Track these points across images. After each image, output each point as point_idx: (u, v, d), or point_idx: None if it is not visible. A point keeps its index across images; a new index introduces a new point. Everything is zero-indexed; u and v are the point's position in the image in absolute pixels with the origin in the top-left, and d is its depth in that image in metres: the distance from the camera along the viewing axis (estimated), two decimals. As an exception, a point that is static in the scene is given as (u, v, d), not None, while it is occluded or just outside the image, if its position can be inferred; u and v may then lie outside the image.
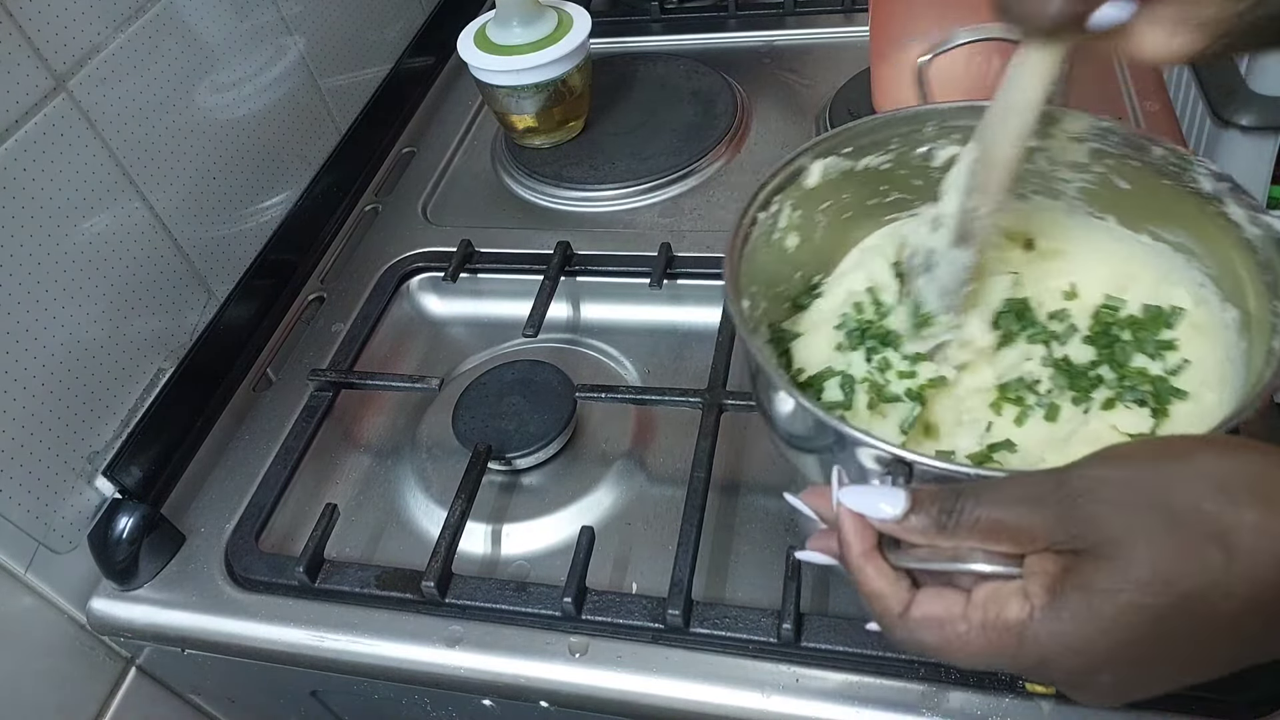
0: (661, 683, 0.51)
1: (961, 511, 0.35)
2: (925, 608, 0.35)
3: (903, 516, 0.36)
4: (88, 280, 0.60)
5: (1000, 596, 0.34)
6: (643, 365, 0.71)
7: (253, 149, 0.75)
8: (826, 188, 0.55)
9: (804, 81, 0.92)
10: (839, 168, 0.55)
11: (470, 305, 0.78)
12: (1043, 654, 0.33)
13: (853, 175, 0.55)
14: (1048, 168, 0.55)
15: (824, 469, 0.46)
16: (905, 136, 0.55)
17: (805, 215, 0.55)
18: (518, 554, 0.61)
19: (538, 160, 0.86)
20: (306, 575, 0.57)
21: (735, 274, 0.49)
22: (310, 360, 0.72)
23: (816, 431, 0.44)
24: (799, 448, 0.47)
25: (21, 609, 0.58)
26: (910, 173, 0.57)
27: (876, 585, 0.36)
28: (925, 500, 0.36)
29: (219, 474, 0.66)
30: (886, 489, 0.36)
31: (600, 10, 1.04)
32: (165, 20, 0.66)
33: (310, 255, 0.82)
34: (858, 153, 0.55)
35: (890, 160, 0.56)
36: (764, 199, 0.52)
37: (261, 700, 0.69)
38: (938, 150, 0.56)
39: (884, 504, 0.36)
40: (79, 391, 0.60)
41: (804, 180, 0.54)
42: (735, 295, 0.48)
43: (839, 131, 0.54)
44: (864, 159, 0.55)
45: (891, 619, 0.36)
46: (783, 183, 0.53)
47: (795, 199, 0.54)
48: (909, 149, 0.56)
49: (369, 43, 0.90)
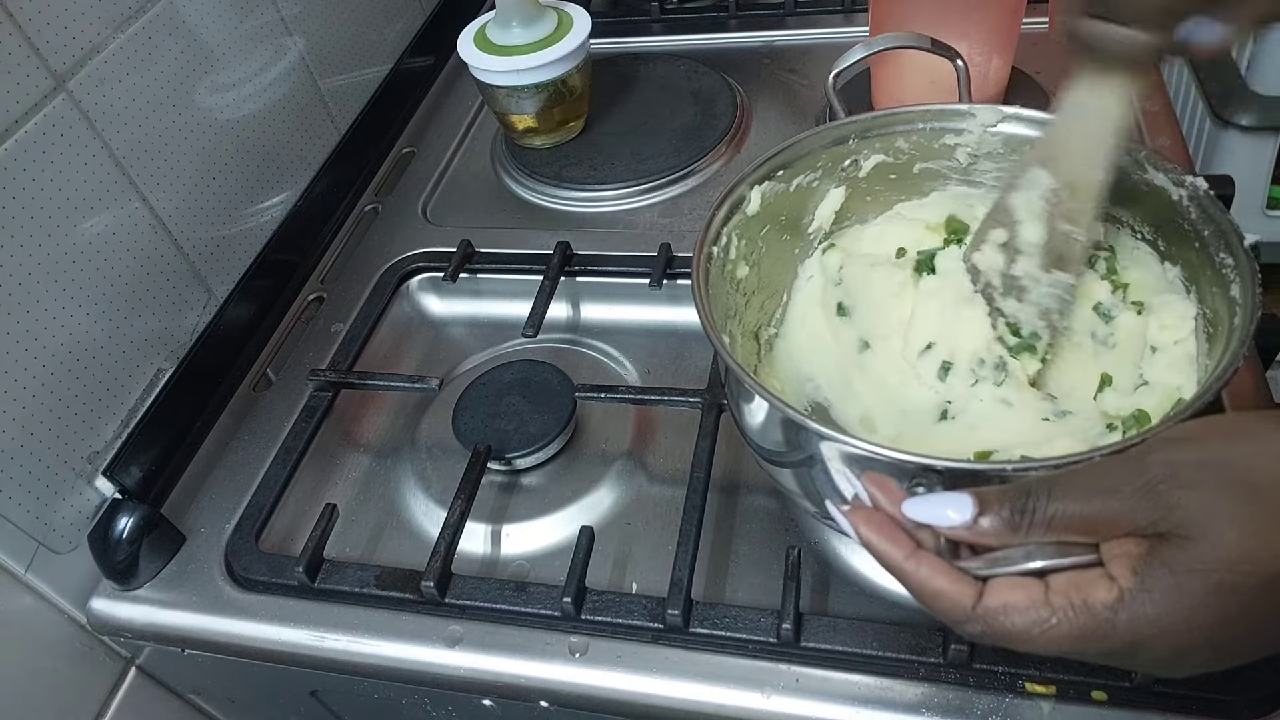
0: (661, 683, 0.51)
1: (1035, 509, 0.34)
2: (1002, 596, 0.35)
3: (972, 521, 0.35)
4: (88, 280, 0.61)
5: (1085, 581, 0.34)
6: (643, 365, 0.71)
7: (253, 149, 0.75)
8: (765, 213, 0.56)
9: (804, 81, 0.92)
10: (775, 191, 0.56)
11: (470, 305, 0.78)
12: (1135, 637, 0.33)
13: (786, 196, 0.57)
14: (965, 161, 0.58)
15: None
16: (831, 151, 0.58)
17: (750, 243, 0.56)
18: (518, 554, 0.61)
19: (538, 160, 0.86)
20: (306, 575, 0.57)
21: (708, 309, 0.50)
22: (310, 360, 0.72)
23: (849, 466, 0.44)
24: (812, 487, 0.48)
25: (21, 609, 0.58)
26: (836, 184, 0.59)
27: (937, 584, 0.35)
28: (993, 502, 0.35)
29: (219, 474, 0.66)
30: (950, 496, 0.36)
31: (600, 10, 1.04)
32: (165, 20, 0.66)
33: (310, 255, 0.82)
34: (790, 174, 0.57)
35: (818, 177, 0.57)
36: (714, 232, 0.53)
37: (261, 700, 0.69)
38: (862, 160, 0.59)
39: (950, 511, 0.36)
40: (79, 391, 0.60)
41: (746, 208, 0.55)
42: (715, 330, 0.49)
43: (772, 155, 0.56)
44: (795, 179, 0.57)
45: (963, 612, 0.35)
46: (728, 214, 0.54)
47: (740, 228, 0.55)
48: (835, 164, 0.58)
49: (369, 43, 0.90)
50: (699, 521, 0.55)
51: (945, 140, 0.57)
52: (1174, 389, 0.49)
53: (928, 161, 0.58)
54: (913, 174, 0.59)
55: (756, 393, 0.44)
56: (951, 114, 0.56)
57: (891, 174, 0.59)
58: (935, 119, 0.57)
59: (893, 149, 0.58)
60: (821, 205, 0.59)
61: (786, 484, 0.50)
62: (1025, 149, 0.54)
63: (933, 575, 0.36)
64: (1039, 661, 0.48)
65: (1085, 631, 0.33)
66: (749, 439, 0.51)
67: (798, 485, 0.49)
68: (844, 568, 0.56)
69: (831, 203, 0.59)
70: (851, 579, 0.55)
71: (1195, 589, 0.32)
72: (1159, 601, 0.32)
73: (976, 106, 0.56)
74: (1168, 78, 1.34)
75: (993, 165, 0.57)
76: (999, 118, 0.55)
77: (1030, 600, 0.34)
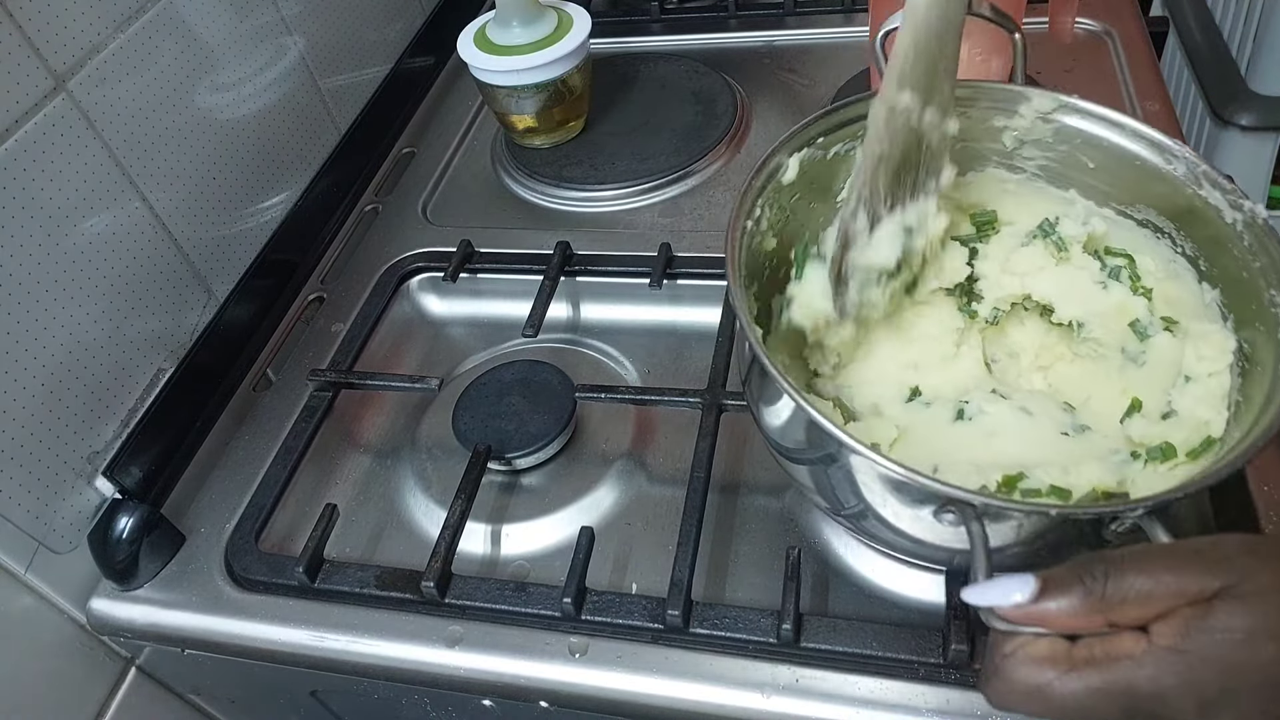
0: (661, 683, 0.51)
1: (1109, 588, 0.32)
2: (1028, 650, 0.33)
3: (1034, 599, 0.33)
4: (88, 280, 0.61)
5: (1113, 636, 0.32)
6: (643, 365, 0.71)
7: (253, 149, 0.75)
8: (799, 181, 0.54)
9: (804, 81, 0.92)
10: (812, 159, 0.54)
11: (470, 305, 0.78)
12: (1160, 689, 0.31)
13: (823, 164, 0.55)
14: (1010, 146, 0.56)
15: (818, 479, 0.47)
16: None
17: (779, 212, 0.54)
18: (518, 554, 0.61)
19: (538, 160, 0.86)
20: (306, 575, 0.57)
21: (742, 291, 0.48)
22: (310, 360, 0.72)
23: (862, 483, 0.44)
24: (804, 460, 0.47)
25: (21, 609, 0.58)
26: None
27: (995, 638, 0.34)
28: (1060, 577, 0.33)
29: (219, 474, 0.67)
30: (1012, 577, 0.34)
31: (600, 10, 1.04)
32: (165, 20, 0.66)
33: (310, 255, 0.82)
34: (828, 142, 0.55)
35: (855, 146, 0.55)
36: (749, 205, 0.51)
37: (261, 700, 0.69)
38: None
39: (1017, 587, 0.33)
40: (79, 391, 0.60)
41: (782, 177, 0.53)
42: (749, 316, 0.46)
43: (811, 122, 0.54)
44: (833, 148, 0.55)
45: (990, 668, 0.34)
46: (764, 182, 0.52)
47: (771, 198, 0.53)
48: None
49: (369, 43, 0.90)
50: (699, 521, 0.55)
51: (994, 121, 0.55)
52: (1202, 423, 0.47)
53: (971, 141, 0.56)
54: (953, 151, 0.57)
55: (792, 396, 0.42)
56: (1005, 94, 0.54)
57: None
58: (988, 98, 0.54)
59: None
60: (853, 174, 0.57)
61: (801, 479, 0.49)
62: None
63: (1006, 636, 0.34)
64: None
65: (1103, 685, 0.31)
66: (766, 433, 0.50)
67: (812, 482, 0.48)
68: (844, 568, 0.56)
69: None
70: (851, 579, 0.55)
71: (1244, 658, 0.30)
72: (1196, 665, 0.30)
73: (1033, 91, 0.53)
74: (1167, 77, 1.34)
75: (1039, 153, 0.55)
76: (1055, 105, 0.53)
77: (1051, 651, 0.32)
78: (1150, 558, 0.32)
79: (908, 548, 0.47)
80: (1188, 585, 0.31)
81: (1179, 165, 0.50)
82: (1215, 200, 0.48)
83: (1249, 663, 0.30)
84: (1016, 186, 0.57)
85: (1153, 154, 0.51)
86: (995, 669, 0.34)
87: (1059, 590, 0.32)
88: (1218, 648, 0.30)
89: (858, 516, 0.46)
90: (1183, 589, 0.31)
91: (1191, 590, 0.31)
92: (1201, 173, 0.49)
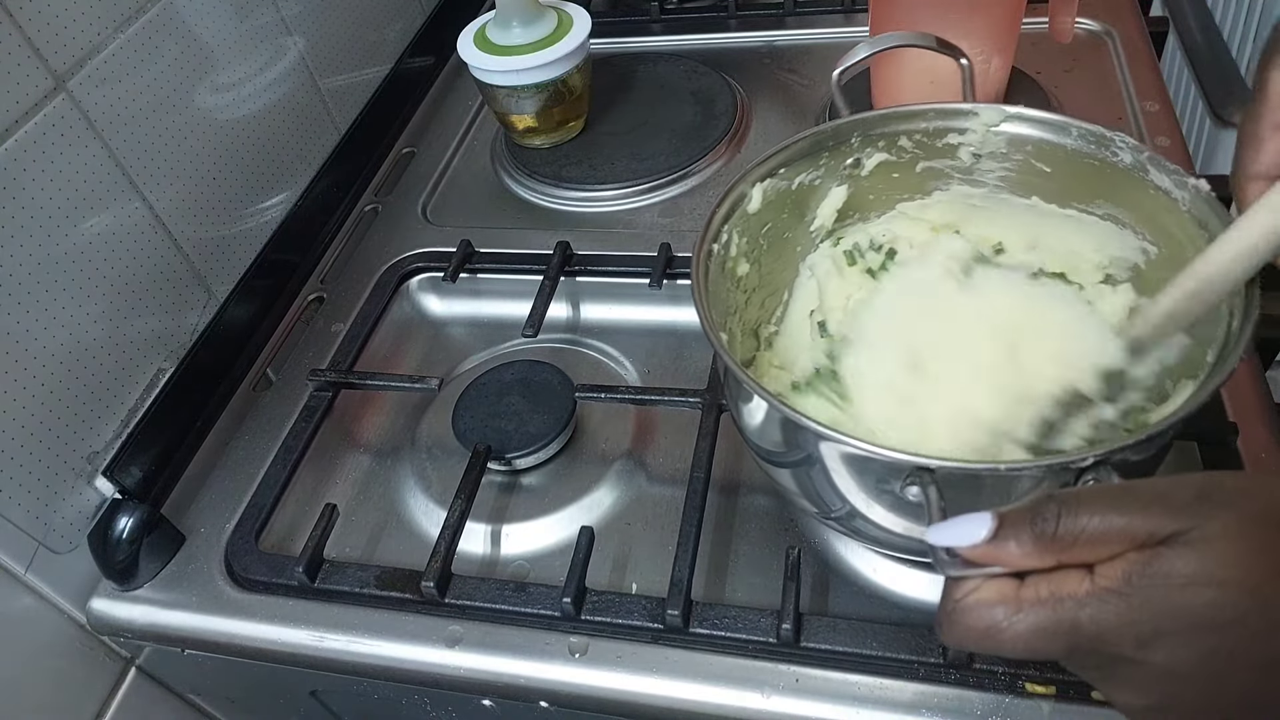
0: (661, 683, 0.51)
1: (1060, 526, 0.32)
2: (979, 593, 0.34)
3: (992, 535, 0.33)
4: (88, 280, 0.61)
5: (1059, 576, 0.32)
6: (643, 365, 0.71)
7: (253, 149, 0.75)
8: (766, 210, 0.56)
9: (804, 81, 0.92)
10: (776, 189, 0.56)
11: (470, 305, 0.78)
12: (1099, 631, 0.31)
13: (789, 194, 0.57)
14: (968, 161, 0.58)
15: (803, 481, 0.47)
16: (833, 150, 0.58)
17: (751, 240, 0.56)
18: (517, 554, 0.61)
19: (538, 160, 0.86)
20: (306, 575, 0.57)
21: (707, 308, 0.49)
22: (310, 360, 0.72)
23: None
24: (781, 464, 0.48)
25: (21, 609, 0.58)
26: (838, 183, 0.59)
27: (949, 584, 0.35)
28: (1015, 520, 0.33)
29: (219, 474, 0.67)
30: (970, 516, 0.35)
31: (600, 10, 1.04)
32: (165, 20, 0.66)
33: (310, 255, 0.82)
34: (791, 172, 0.57)
35: (821, 175, 0.57)
36: (715, 229, 0.53)
37: (261, 700, 0.69)
38: (865, 159, 0.58)
39: (975, 527, 0.34)
40: (79, 391, 0.60)
41: (747, 206, 0.55)
42: (713, 328, 0.48)
43: (773, 153, 0.56)
44: (797, 178, 0.57)
45: (943, 610, 0.35)
46: (729, 210, 0.54)
47: (741, 226, 0.55)
48: (838, 162, 0.58)
49: (369, 43, 0.90)
50: (699, 521, 0.55)
51: (948, 139, 0.57)
52: None
53: (931, 160, 0.58)
54: (915, 173, 0.59)
55: (753, 391, 0.44)
56: (954, 113, 0.56)
57: (894, 172, 0.59)
58: (938, 118, 0.57)
59: (895, 148, 0.58)
60: (824, 204, 0.59)
61: (786, 484, 0.50)
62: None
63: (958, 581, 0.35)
64: (1039, 662, 0.48)
65: (1048, 624, 0.32)
66: (748, 438, 0.51)
67: (796, 485, 0.49)
68: (844, 568, 0.56)
69: (834, 201, 0.59)
70: (851, 579, 0.55)
71: (1183, 602, 0.30)
72: (1136, 607, 0.31)
73: (980, 106, 0.56)
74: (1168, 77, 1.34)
75: (996, 165, 0.57)
76: (1002, 117, 0.55)
77: (1000, 595, 0.33)
78: (1102, 500, 0.33)
79: (898, 543, 0.47)
80: (1136, 529, 0.32)
81: (1125, 154, 0.51)
82: (1163, 183, 0.49)
83: (1185, 607, 0.30)
84: (982, 200, 0.59)
85: (1099, 148, 0.52)
86: (948, 614, 0.35)
87: (1012, 530, 0.33)
88: (1158, 591, 0.31)
89: (847, 517, 0.47)
90: (1131, 533, 0.32)
91: (1140, 534, 0.32)
92: (1146, 158, 0.50)
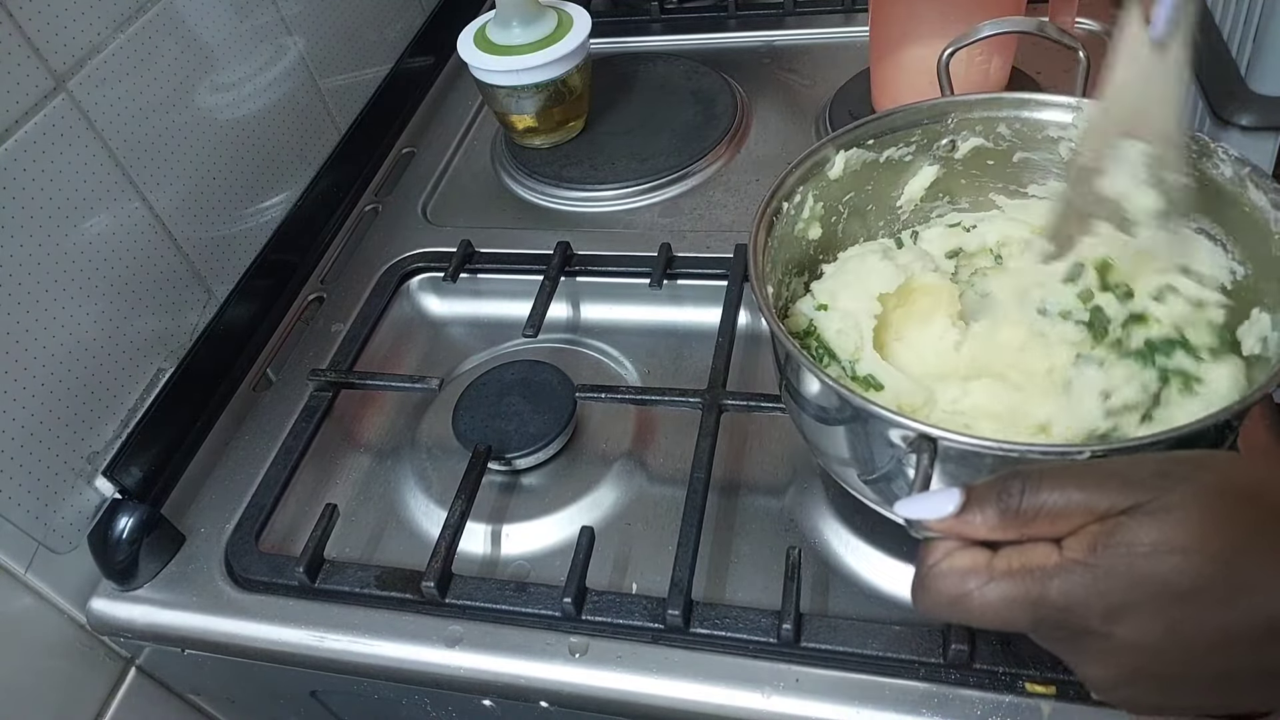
0: (661, 683, 0.51)
1: (1022, 501, 0.33)
2: (951, 561, 0.35)
3: (959, 510, 0.35)
4: (88, 280, 0.60)
5: (1029, 547, 0.33)
6: (643, 365, 0.71)
7: (253, 149, 0.75)
8: (850, 179, 0.55)
9: (804, 81, 0.92)
10: (862, 159, 0.55)
11: (470, 305, 0.78)
12: (1067, 603, 0.32)
13: (876, 166, 0.56)
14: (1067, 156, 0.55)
15: (852, 445, 0.47)
16: (927, 128, 0.56)
17: (828, 206, 0.55)
18: (518, 554, 0.61)
19: (538, 160, 0.86)
20: (306, 575, 0.57)
21: (759, 260, 0.49)
22: (310, 360, 0.72)
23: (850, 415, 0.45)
24: (826, 421, 0.48)
25: (21, 609, 0.58)
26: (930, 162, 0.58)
27: (922, 550, 0.36)
28: (982, 494, 0.35)
29: (219, 474, 0.66)
30: (940, 491, 0.36)
31: (600, 10, 1.04)
32: (165, 20, 0.66)
33: (310, 255, 0.82)
34: (880, 145, 0.55)
35: (912, 153, 0.56)
36: (789, 188, 0.52)
37: (261, 700, 0.69)
38: (960, 142, 0.57)
39: (943, 502, 0.35)
40: (79, 391, 0.60)
41: (828, 170, 0.54)
42: (759, 281, 0.48)
43: (864, 122, 0.55)
44: (886, 151, 0.56)
45: (918, 578, 0.35)
46: (807, 173, 0.53)
47: (819, 190, 0.54)
48: (931, 141, 0.56)
49: (369, 43, 0.90)
50: (699, 522, 0.55)
51: (1048, 132, 0.55)
52: None
53: (1028, 152, 0.56)
54: (1012, 163, 0.57)
55: (808, 369, 0.43)
56: (1057, 105, 0.54)
57: (990, 159, 0.57)
58: (1040, 108, 0.55)
59: (993, 134, 0.56)
60: (912, 181, 0.58)
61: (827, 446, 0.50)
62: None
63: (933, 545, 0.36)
64: (1039, 661, 0.48)
65: (1017, 595, 0.33)
66: (804, 410, 0.50)
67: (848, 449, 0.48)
68: (844, 568, 0.56)
69: (923, 180, 0.58)
70: (852, 579, 0.55)
71: (1148, 570, 0.31)
72: (1102, 577, 0.31)
73: (1085, 101, 0.53)
74: (1168, 78, 1.34)
75: None
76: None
77: (973, 564, 0.34)
78: (1064, 476, 0.34)
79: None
80: (1097, 503, 0.32)
81: (1226, 168, 0.49)
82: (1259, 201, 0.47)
83: (1150, 574, 0.31)
84: None
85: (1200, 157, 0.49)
86: (921, 580, 0.35)
87: (978, 505, 0.34)
88: (1123, 560, 0.31)
89: (884, 480, 0.47)
90: (1093, 506, 0.32)
91: (1101, 508, 0.32)
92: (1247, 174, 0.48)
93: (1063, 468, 0.34)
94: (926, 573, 0.35)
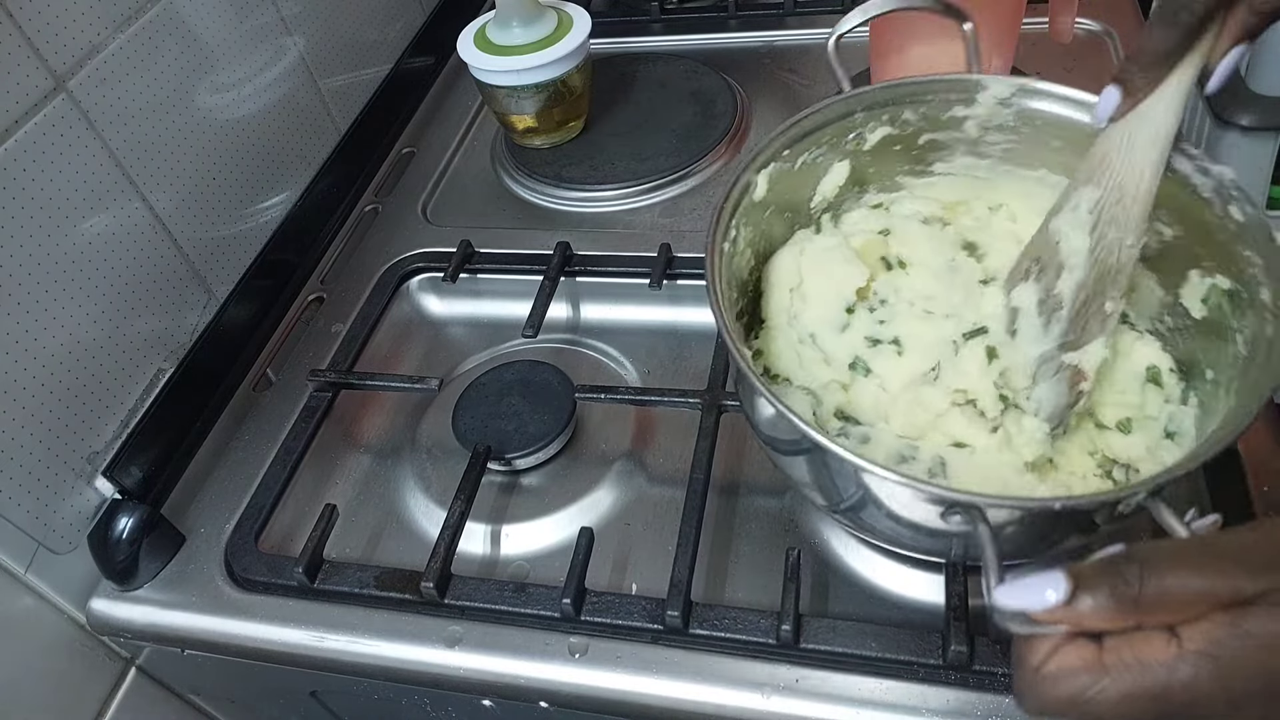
0: (661, 683, 0.51)
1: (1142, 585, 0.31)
2: (1060, 660, 0.32)
3: (1066, 599, 0.32)
4: (88, 280, 0.61)
5: (1141, 638, 0.31)
6: (643, 366, 0.71)
7: (253, 149, 0.75)
8: (770, 195, 0.55)
9: (804, 81, 0.92)
10: (781, 171, 0.55)
11: (470, 305, 0.78)
12: (1193, 695, 0.30)
13: (790, 174, 0.56)
14: (975, 134, 0.56)
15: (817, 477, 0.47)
16: (837, 125, 0.56)
17: (754, 229, 0.55)
18: (517, 554, 0.61)
19: (538, 160, 0.86)
20: (306, 576, 0.57)
21: (728, 320, 0.49)
22: (310, 360, 0.72)
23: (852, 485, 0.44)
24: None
25: (21, 609, 0.58)
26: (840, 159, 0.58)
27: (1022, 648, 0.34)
28: (1091, 577, 0.32)
29: (219, 474, 0.67)
30: (1040, 575, 0.33)
31: (600, 10, 1.04)
32: (165, 20, 0.66)
33: (310, 255, 0.82)
34: (794, 153, 0.56)
35: (823, 153, 0.57)
36: (724, 227, 0.52)
37: (261, 700, 0.69)
38: (868, 134, 0.57)
39: (1049, 590, 0.32)
40: (79, 391, 0.60)
41: (752, 195, 0.54)
42: (731, 335, 0.48)
43: (776, 135, 0.55)
44: (800, 157, 0.56)
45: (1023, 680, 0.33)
46: (734, 205, 0.53)
47: (745, 217, 0.54)
48: (839, 138, 0.57)
49: (369, 43, 0.90)
50: (699, 522, 0.55)
51: (954, 112, 0.55)
52: None
53: (935, 133, 0.57)
54: (917, 145, 0.58)
55: (777, 408, 0.43)
56: (962, 84, 0.54)
57: (896, 145, 0.58)
58: (945, 90, 0.55)
59: (899, 120, 0.56)
60: (824, 180, 0.58)
61: (796, 475, 0.49)
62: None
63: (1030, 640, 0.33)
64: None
65: (1137, 691, 0.31)
66: (760, 433, 0.50)
67: (809, 476, 0.48)
68: (844, 568, 0.56)
69: (835, 177, 0.58)
70: (851, 580, 0.56)
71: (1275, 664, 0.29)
72: (1226, 668, 0.30)
73: (989, 78, 0.54)
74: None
75: (1003, 138, 0.56)
76: (1012, 90, 0.53)
77: (1084, 662, 0.32)
78: (1179, 560, 0.32)
79: (907, 539, 0.47)
80: (1220, 590, 0.31)
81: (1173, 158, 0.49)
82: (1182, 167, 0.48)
83: (1277, 669, 0.30)
84: (987, 172, 0.58)
85: None
86: (1030, 685, 0.33)
87: (1089, 590, 0.32)
88: (1251, 653, 0.30)
89: (854, 509, 0.46)
90: (1215, 593, 0.31)
91: (1224, 595, 0.31)
92: None
93: (1171, 549, 0.33)
94: (1034, 677, 0.33)
